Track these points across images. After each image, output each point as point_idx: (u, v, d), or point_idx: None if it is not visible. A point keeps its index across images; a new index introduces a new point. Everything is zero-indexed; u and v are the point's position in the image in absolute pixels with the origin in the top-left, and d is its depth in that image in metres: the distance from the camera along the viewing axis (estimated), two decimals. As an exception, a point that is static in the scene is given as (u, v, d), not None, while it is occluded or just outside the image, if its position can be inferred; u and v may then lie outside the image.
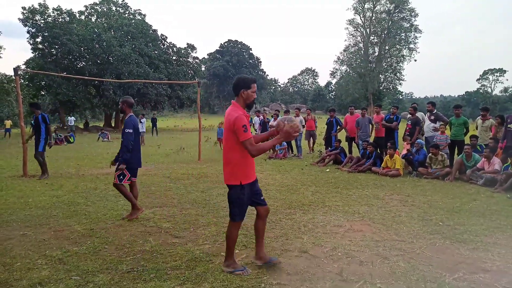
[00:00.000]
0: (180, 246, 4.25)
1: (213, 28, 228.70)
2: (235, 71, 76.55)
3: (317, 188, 7.58)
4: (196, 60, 45.43)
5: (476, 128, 9.85)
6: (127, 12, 41.63)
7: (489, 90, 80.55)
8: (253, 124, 15.56)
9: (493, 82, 79.37)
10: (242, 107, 3.47)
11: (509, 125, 8.50)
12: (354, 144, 11.98)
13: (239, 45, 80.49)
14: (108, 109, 37.87)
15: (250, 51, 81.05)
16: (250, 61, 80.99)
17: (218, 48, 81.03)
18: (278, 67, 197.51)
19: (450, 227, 5.04)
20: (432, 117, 10.17)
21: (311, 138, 13.99)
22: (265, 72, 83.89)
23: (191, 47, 43.72)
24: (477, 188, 7.69)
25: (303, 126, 13.63)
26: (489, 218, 5.48)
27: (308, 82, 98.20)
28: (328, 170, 10.14)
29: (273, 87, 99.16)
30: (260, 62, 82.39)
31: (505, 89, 79.44)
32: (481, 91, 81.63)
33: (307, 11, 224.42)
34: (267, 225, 4.99)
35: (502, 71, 77.51)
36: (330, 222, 5.22)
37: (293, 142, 13.63)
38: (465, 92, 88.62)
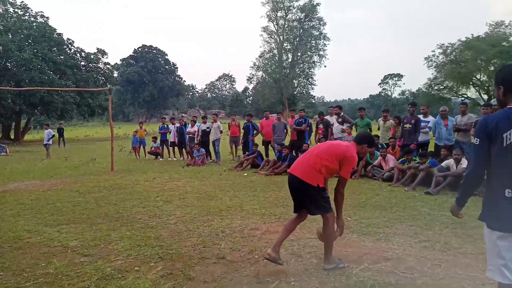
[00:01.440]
0: (88, 264, 3.97)
1: (126, 32, 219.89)
2: (150, 77, 74.21)
3: (235, 193, 7.65)
4: (108, 66, 43.11)
5: (378, 129, 10.75)
6: (27, 14, 38.07)
7: (389, 93, 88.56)
8: (169, 131, 15.16)
9: (393, 86, 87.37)
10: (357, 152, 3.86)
11: (405, 125, 9.43)
12: (270, 148, 12.33)
13: (154, 51, 78.26)
14: (6, 119, 34.18)
15: (166, 57, 79.30)
16: (166, 66, 79.18)
17: (132, 54, 77.98)
18: (196, 73, 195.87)
19: (357, 222, 5.42)
20: (340, 120, 10.88)
21: (234, 144, 13.99)
22: (182, 78, 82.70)
23: (102, 52, 41.35)
24: (379, 184, 8.39)
25: (221, 132, 13.68)
26: (389, 211, 6.00)
27: (225, 87, 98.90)
28: (246, 174, 10.30)
29: (191, 93, 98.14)
30: (177, 67, 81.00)
31: (403, 92, 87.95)
32: (382, 94, 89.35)
33: (223, 16, 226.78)
34: (184, 234, 4.93)
35: (399, 76, 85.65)
36: (248, 226, 5.29)
37: (211, 148, 13.60)
38: (369, 95, 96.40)
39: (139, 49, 77.87)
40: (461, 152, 7.57)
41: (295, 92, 58.26)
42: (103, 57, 41.49)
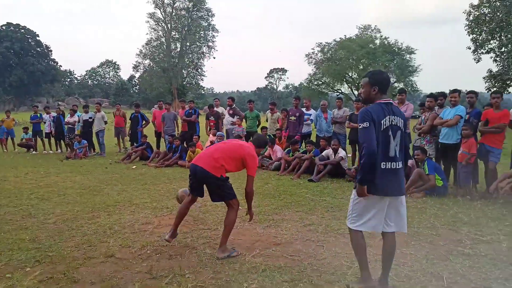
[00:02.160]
0: None
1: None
2: (18, 60, 65.36)
3: (124, 187, 7.25)
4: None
5: (266, 120, 11.24)
6: None
7: (275, 86, 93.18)
8: (44, 121, 13.58)
9: (278, 79, 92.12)
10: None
11: (290, 117, 10.03)
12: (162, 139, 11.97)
13: (22, 30, 69.02)
14: None
15: (37, 38, 70.66)
16: (38, 49, 70.49)
17: (-6, 32, 67.58)
18: (74, 58, 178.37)
19: (248, 210, 5.60)
20: (231, 111, 11.09)
21: (120, 136, 13.13)
22: (57, 63, 74.53)
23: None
24: (268, 173, 8.80)
25: (105, 123, 12.81)
26: (278, 198, 6.35)
27: (109, 75, 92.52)
28: (134, 167, 9.83)
29: (69, 80, 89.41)
30: (51, 51, 72.73)
31: (287, 86, 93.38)
32: (268, 87, 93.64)
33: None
34: (66, 234, 4.52)
35: (284, 71, 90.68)
36: (138, 221, 5.08)
37: (95, 139, 12.64)
38: (257, 88, 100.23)
39: (3, 28, 67.87)
40: (338, 142, 8.36)
41: (184, 83, 57.46)
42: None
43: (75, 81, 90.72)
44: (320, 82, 49.55)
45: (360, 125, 2.93)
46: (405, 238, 4.41)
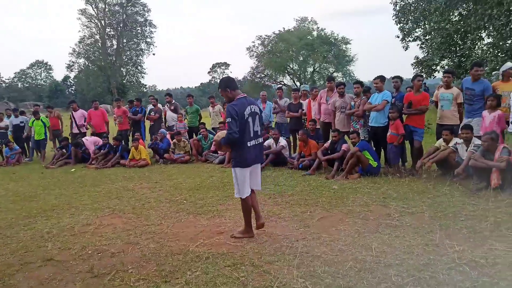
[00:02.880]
0: None
1: None
2: None
3: (62, 191, 6.99)
4: None
5: (210, 115, 11.26)
6: None
7: (218, 81, 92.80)
8: None
9: (221, 74, 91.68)
10: None
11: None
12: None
13: None
14: None
15: (-45, 38, 64.75)
16: (-43, 50, 64.71)
17: None
18: None
19: (193, 203, 5.68)
20: (172, 107, 11.00)
21: (56, 139, 12.41)
22: (-20, 65, 68.83)
23: None
24: (213, 167, 8.88)
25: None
26: (222, 190, 6.46)
27: (41, 76, 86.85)
28: (73, 170, 9.46)
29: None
30: (-28, 52, 67.06)
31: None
32: (212, 82, 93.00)
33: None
34: (1, 241, 4.32)
35: (227, 65, 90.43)
36: (79, 223, 4.96)
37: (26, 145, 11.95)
38: (201, 84, 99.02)
39: None
40: (278, 132, 8.62)
41: (124, 81, 55.40)
42: None
43: (3, 85, 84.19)
44: (263, 75, 50.12)
45: (227, 119, 3.86)
46: (339, 216, 4.73)
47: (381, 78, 7.18)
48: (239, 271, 3.30)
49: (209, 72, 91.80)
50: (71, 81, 73.88)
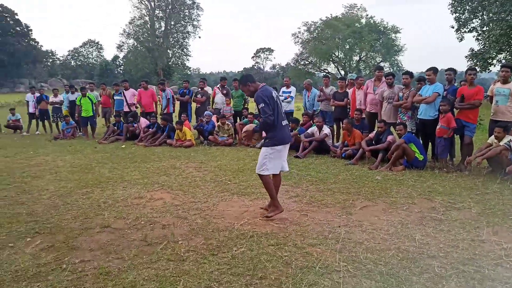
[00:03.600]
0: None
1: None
2: (-4, 40, 63.45)
3: (114, 165, 7.42)
4: None
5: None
6: None
7: (262, 66, 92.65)
8: (27, 102, 13.48)
9: (264, 59, 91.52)
10: None
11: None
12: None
13: (0, 9, 66.84)
14: None
15: (16, 17, 68.49)
16: (18, 28, 68.42)
17: (-30, 10, 65.23)
18: (55, 38, 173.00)
19: (237, 185, 5.87)
20: (224, 91, 11.24)
21: (106, 115, 13.11)
22: (38, 42, 72.56)
23: None
24: (256, 151, 9.03)
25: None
26: (265, 173, 6.59)
27: (92, 55, 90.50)
28: (123, 146, 9.96)
29: (51, 60, 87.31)
30: (31, 30, 70.64)
31: (273, 66, 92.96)
32: (255, 67, 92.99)
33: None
34: (62, 208, 4.71)
35: (270, 50, 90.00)
36: (131, 195, 5.29)
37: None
38: (243, 68, 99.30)
39: (-20, 6, 65.59)
40: (322, 119, 8.62)
41: (170, 63, 56.68)
42: None
43: (58, 62, 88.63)
44: (306, 62, 49.56)
45: (260, 105, 4.14)
46: (382, 206, 4.74)
47: (434, 70, 6.97)
48: (282, 251, 3.44)
49: (252, 57, 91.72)
50: (120, 61, 76.35)
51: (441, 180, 6.01)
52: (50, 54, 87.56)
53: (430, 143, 7.35)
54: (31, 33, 70.87)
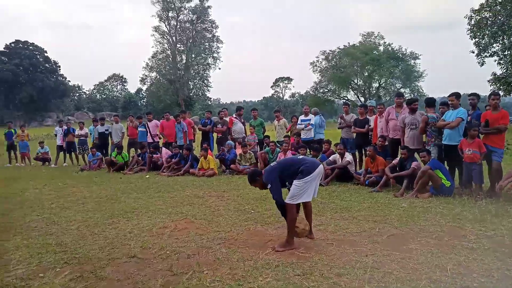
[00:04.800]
0: (-16, 277, 3.66)
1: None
2: (27, 76, 66.56)
3: (139, 195, 7.54)
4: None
5: (275, 129, 11.51)
6: None
7: (281, 95, 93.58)
8: (55, 135, 14.03)
9: (283, 88, 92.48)
10: None
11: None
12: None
13: (31, 47, 70.40)
14: None
15: (46, 54, 71.99)
16: (46, 65, 71.70)
17: (3, 49, 68.96)
18: (82, 73, 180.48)
19: (260, 214, 5.85)
20: (243, 121, 11.42)
21: (132, 147, 13.35)
22: (66, 78, 75.79)
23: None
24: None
25: (123, 134, 13.09)
26: (288, 202, 6.56)
27: (116, 88, 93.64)
28: (147, 176, 10.13)
29: (77, 94, 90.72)
30: (59, 66, 74.01)
31: (293, 95, 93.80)
32: (275, 96, 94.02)
33: (109, 12, 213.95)
34: (89, 238, 4.79)
35: (289, 79, 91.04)
36: (156, 225, 5.34)
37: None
38: (263, 97, 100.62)
39: (12, 45, 69.34)
40: (343, 147, 8.58)
41: (191, 94, 57.97)
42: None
43: (84, 96, 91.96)
44: (326, 90, 49.82)
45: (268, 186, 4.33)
46: (410, 235, 4.62)
47: (456, 95, 6.91)
48: (309, 281, 3.38)
49: (272, 86, 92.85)
50: (143, 93, 78.66)
51: (470, 207, 5.84)
52: (77, 88, 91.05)
53: (456, 169, 7.18)
54: (59, 69, 74.13)
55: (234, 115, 11.78)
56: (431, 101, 7.65)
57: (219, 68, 59.06)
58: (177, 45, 56.59)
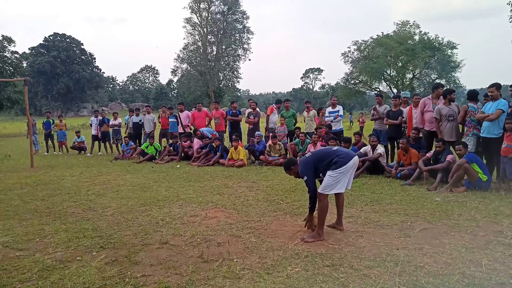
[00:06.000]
0: (26, 258, 3.86)
1: (35, 19, 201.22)
2: (64, 68, 69.11)
3: (170, 184, 7.71)
4: (16, 55, 39.39)
5: (304, 120, 11.44)
6: None
7: (311, 86, 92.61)
8: (91, 125, 14.55)
9: (314, 79, 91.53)
10: None
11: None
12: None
13: (68, 39, 72.86)
14: None
15: (82, 46, 74.35)
16: (82, 57, 74.15)
17: (43, 42, 71.72)
18: (115, 64, 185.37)
19: (289, 204, 5.86)
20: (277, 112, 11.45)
21: (164, 137, 13.67)
22: (100, 70, 78.11)
23: (8, 39, 37.65)
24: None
25: (155, 124, 13.40)
26: (317, 193, 6.53)
27: (149, 80, 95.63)
28: (178, 166, 10.33)
29: (111, 85, 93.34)
30: (94, 58, 76.28)
31: (323, 86, 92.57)
32: (304, 87, 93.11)
33: (142, 4, 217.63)
34: (123, 224, 4.96)
35: (320, 71, 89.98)
36: (187, 213, 5.45)
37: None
38: (292, 89, 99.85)
39: (51, 38, 71.98)
40: (376, 139, 8.42)
41: (221, 85, 58.29)
42: (9, 45, 37.83)
43: (117, 87, 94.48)
44: (357, 81, 48.79)
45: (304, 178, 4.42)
46: (444, 229, 4.51)
47: (497, 86, 6.62)
48: (338, 272, 3.37)
49: (301, 78, 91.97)
50: (174, 84, 79.84)
51: (508, 202, 5.62)
52: (111, 80, 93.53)
53: (494, 163, 6.90)
54: (95, 61, 76.36)
55: (274, 105, 11.80)
56: (474, 94, 7.35)
57: (249, 60, 59.01)
58: (208, 36, 56.89)
